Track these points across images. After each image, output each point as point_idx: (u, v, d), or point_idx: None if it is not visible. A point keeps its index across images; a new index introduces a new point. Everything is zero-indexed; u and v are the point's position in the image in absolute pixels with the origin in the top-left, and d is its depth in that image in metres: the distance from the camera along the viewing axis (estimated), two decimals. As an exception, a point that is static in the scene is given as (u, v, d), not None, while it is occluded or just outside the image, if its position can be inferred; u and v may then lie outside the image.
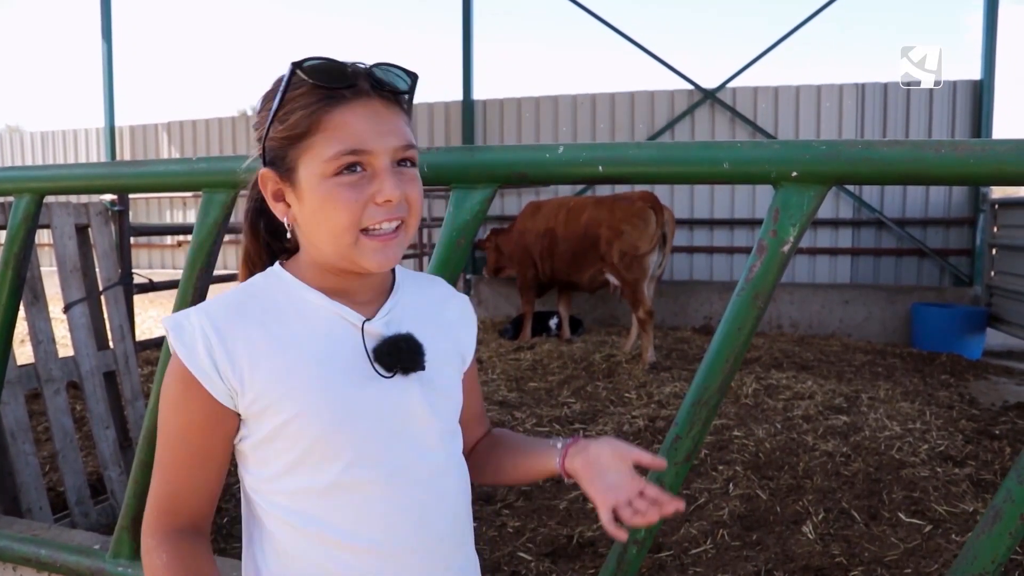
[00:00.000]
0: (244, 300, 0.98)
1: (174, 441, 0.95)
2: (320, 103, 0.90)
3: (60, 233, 3.07)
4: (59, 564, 1.76)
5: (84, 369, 3.14)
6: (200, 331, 0.92)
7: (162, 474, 0.97)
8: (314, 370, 0.94)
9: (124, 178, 1.70)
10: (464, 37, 9.44)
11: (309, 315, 0.97)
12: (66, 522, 2.99)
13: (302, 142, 0.91)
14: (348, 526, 0.95)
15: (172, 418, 0.95)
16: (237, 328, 0.94)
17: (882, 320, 7.85)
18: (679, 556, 2.85)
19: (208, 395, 0.92)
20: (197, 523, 0.98)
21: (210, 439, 0.95)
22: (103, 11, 10.32)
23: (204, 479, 0.97)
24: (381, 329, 0.98)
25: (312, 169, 0.91)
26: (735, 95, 8.60)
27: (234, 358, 0.92)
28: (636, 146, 1.29)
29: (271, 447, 0.95)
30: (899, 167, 1.14)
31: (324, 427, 0.93)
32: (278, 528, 0.96)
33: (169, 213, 11.18)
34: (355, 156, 0.90)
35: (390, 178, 0.91)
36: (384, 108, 0.93)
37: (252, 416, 0.94)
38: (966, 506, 3.17)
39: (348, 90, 0.91)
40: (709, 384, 1.24)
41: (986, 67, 7.75)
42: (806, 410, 4.58)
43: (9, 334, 1.83)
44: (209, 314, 0.94)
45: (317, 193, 0.91)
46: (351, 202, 0.90)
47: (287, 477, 0.95)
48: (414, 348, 0.97)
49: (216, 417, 0.94)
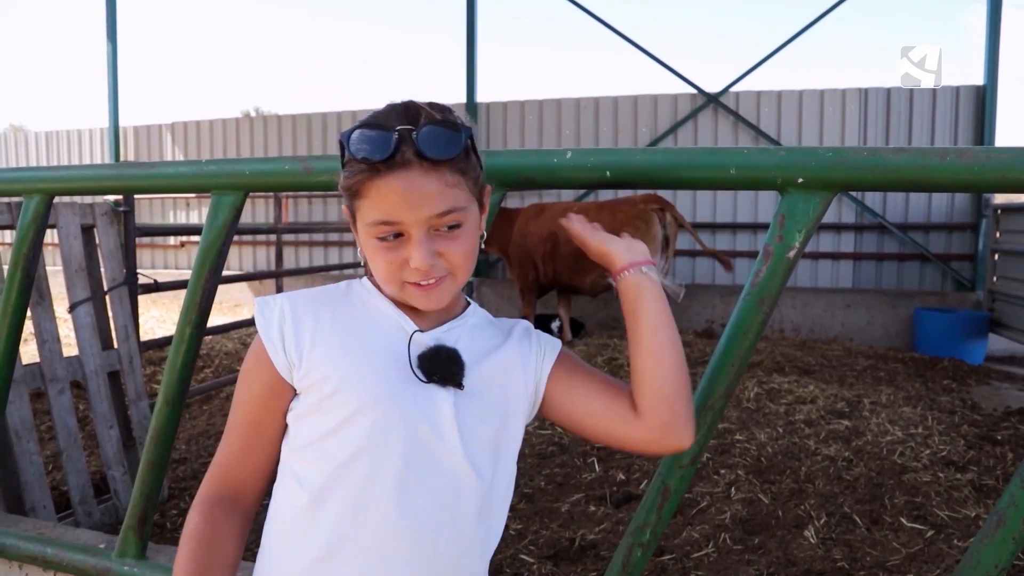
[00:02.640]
0: (325, 294, 1.09)
1: (238, 410, 1.06)
2: (364, 172, 0.98)
3: (66, 233, 3.09)
4: (65, 563, 1.77)
5: (88, 369, 3.15)
6: (279, 310, 1.04)
7: (224, 439, 1.07)
8: (365, 357, 1.02)
9: (133, 179, 1.71)
10: (468, 39, 9.46)
11: (376, 318, 1.06)
12: (69, 521, 3.00)
13: (355, 200, 1.01)
14: (352, 506, 0.98)
15: (241, 388, 1.06)
16: (309, 312, 1.04)
17: (884, 325, 7.85)
18: (681, 560, 2.85)
19: (271, 367, 1.02)
20: (241, 494, 1.07)
21: (266, 412, 1.04)
22: (108, 11, 10.34)
23: (254, 450, 1.05)
24: (429, 341, 1.05)
25: (361, 225, 1.02)
26: (738, 99, 8.61)
27: (299, 335, 1.02)
28: (643, 151, 1.30)
29: (309, 418, 1.02)
30: (904, 174, 1.15)
31: (359, 405, 0.99)
32: (289, 490, 1.02)
33: (173, 214, 11.20)
34: (388, 227, 0.98)
35: (419, 248, 0.98)
36: (421, 178, 0.96)
37: (303, 389, 1.02)
38: (968, 511, 3.17)
39: (383, 165, 0.96)
40: (715, 388, 1.25)
41: (989, 72, 7.76)
42: (808, 414, 4.58)
43: (18, 333, 1.84)
44: (291, 298, 1.06)
45: (366, 247, 1.02)
46: (388, 263, 1.00)
47: (314, 447, 1.01)
48: (454, 360, 1.03)
49: (275, 390, 1.03)
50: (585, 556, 2.90)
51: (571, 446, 4.07)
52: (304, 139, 10.37)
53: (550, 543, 2.98)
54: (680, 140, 8.79)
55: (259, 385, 1.03)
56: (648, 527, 1.30)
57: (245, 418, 1.05)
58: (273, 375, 1.02)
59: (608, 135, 9.09)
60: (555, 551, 2.93)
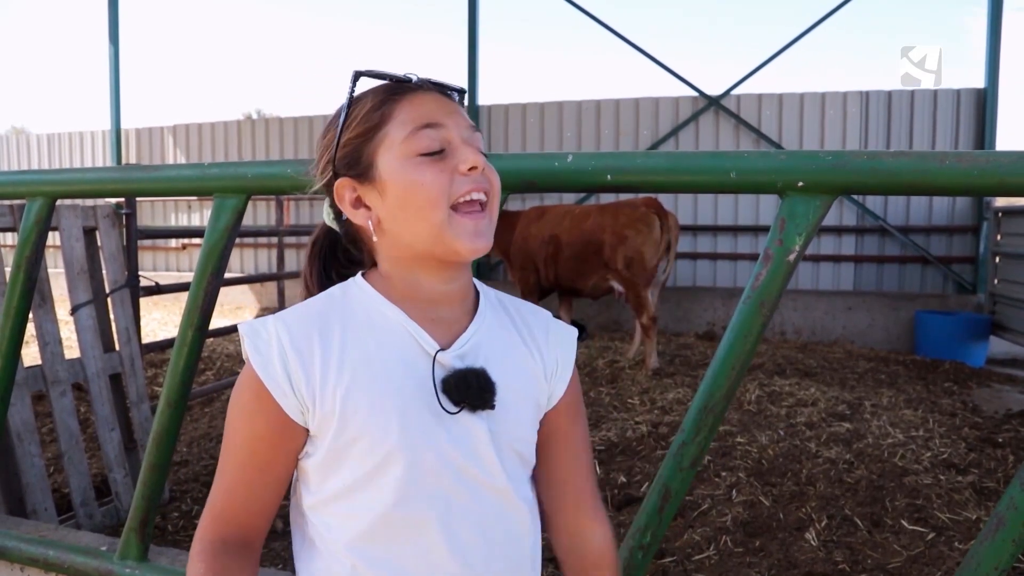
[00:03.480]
0: (322, 312, 0.95)
1: (238, 450, 0.93)
2: (388, 95, 0.94)
3: (68, 235, 3.09)
4: (67, 565, 1.77)
5: (90, 371, 3.16)
6: (277, 341, 0.90)
7: (222, 481, 0.95)
8: (385, 393, 0.91)
9: (136, 182, 1.71)
10: (470, 41, 9.47)
11: (385, 333, 0.94)
12: (71, 523, 3.00)
13: (376, 134, 0.93)
14: (394, 562, 0.92)
15: (240, 427, 0.93)
16: (313, 342, 0.91)
17: (885, 327, 7.85)
18: (682, 562, 2.85)
19: (279, 408, 0.90)
20: (248, 535, 0.95)
21: (275, 453, 0.93)
22: (110, 14, 10.37)
23: (262, 492, 0.94)
24: (453, 361, 0.94)
25: (392, 155, 0.92)
26: (739, 102, 8.62)
27: (309, 372, 0.90)
28: (644, 155, 1.31)
29: (332, 467, 0.92)
30: (904, 178, 1.15)
31: (387, 453, 0.90)
32: (328, 552, 0.94)
33: (174, 216, 11.21)
34: (432, 130, 0.92)
35: (469, 149, 0.93)
36: (445, 99, 0.97)
37: (320, 433, 0.91)
38: (969, 514, 3.17)
39: (412, 84, 0.96)
40: (715, 391, 1.25)
41: (990, 75, 7.76)
42: (809, 417, 4.58)
43: (20, 336, 1.84)
44: (287, 324, 0.92)
45: (401, 176, 0.91)
46: (438, 174, 0.90)
47: (343, 499, 0.92)
48: (484, 385, 0.93)
49: (284, 431, 0.91)
50: (586, 559, 2.90)
51: (572, 448, 4.07)
52: (306, 141, 10.38)
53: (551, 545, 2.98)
54: (681, 143, 8.80)
55: (264, 425, 0.91)
56: (649, 529, 1.30)
57: (249, 460, 0.93)
58: (281, 416, 0.90)
59: (609, 137, 9.10)
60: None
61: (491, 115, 9.54)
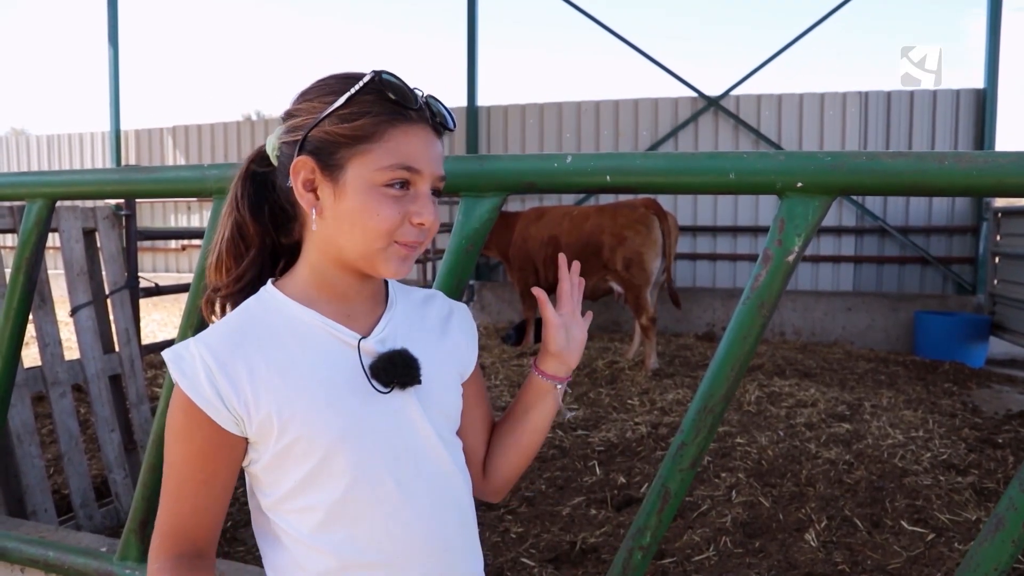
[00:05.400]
0: (240, 326, 0.98)
1: (179, 468, 0.97)
2: (389, 115, 0.95)
3: (67, 237, 3.09)
4: (67, 566, 1.77)
5: (90, 372, 3.15)
6: (200, 361, 0.93)
7: (167, 500, 0.98)
8: (315, 391, 0.95)
9: (137, 184, 1.71)
10: (469, 43, 9.48)
11: (305, 336, 0.98)
12: (71, 525, 3.00)
13: (361, 145, 0.94)
14: (357, 542, 0.97)
15: (177, 447, 0.96)
16: (236, 355, 0.95)
17: (885, 328, 7.85)
18: (682, 563, 2.85)
19: (212, 423, 0.93)
20: (201, 547, 0.99)
21: (214, 465, 0.96)
22: (110, 15, 10.37)
23: (209, 504, 0.98)
24: (376, 346, 1.00)
25: (363, 172, 0.94)
26: (738, 103, 8.63)
27: (237, 385, 0.93)
28: (643, 156, 1.31)
29: (280, 468, 0.96)
30: (903, 178, 1.15)
31: (328, 446, 0.95)
32: (293, 544, 0.99)
33: (174, 217, 11.22)
34: (407, 173, 0.95)
35: (429, 203, 0.96)
36: (433, 137, 0.99)
37: (260, 440, 0.95)
38: (969, 515, 3.17)
39: (415, 112, 0.96)
40: (714, 392, 1.25)
41: (989, 76, 7.77)
42: (809, 418, 4.58)
43: (20, 337, 1.84)
44: (208, 344, 0.95)
45: (361, 196, 0.94)
46: (393, 214, 0.94)
47: (297, 496, 0.97)
48: (409, 363, 0.99)
49: (221, 444, 0.95)
50: (586, 559, 2.91)
51: (572, 449, 4.08)
52: (305, 143, 10.37)
53: (551, 546, 2.98)
54: (680, 143, 8.80)
55: (203, 442, 0.94)
56: (649, 530, 1.30)
57: (192, 476, 0.96)
58: (216, 430, 0.94)
59: (608, 138, 9.10)
60: (556, 554, 2.93)
61: (490, 116, 9.54)
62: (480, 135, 9.57)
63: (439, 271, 1.41)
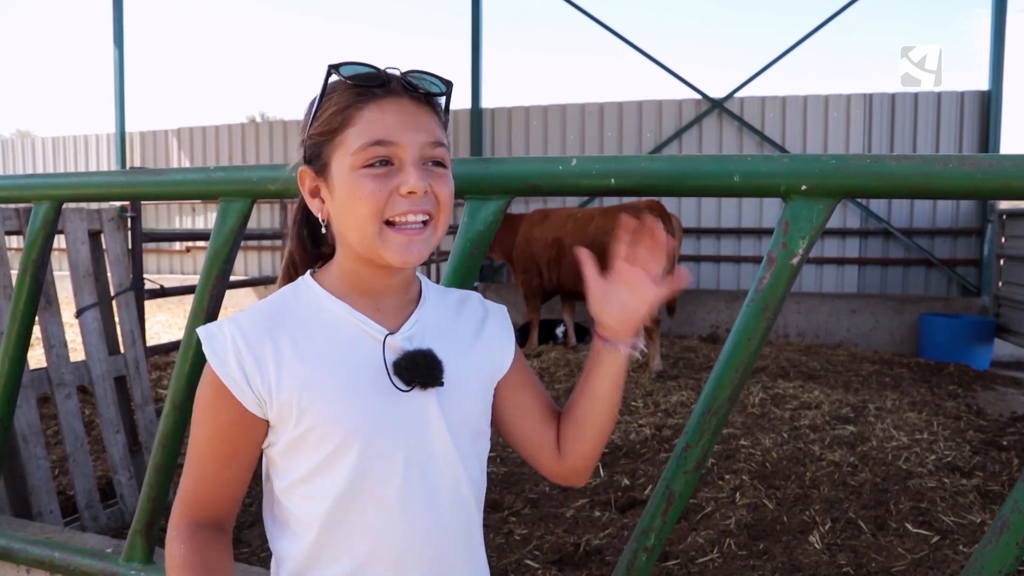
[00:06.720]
0: (273, 312, 1.01)
1: (204, 443, 1.00)
2: (353, 100, 0.95)
3: (73, 239, 3.11)
4: (72, 567, 1.78)
5: (95, 374, 3.17)
6: (231, 341, 0.96)
7: (190, 471, 1.01)
8: (336, 382, 0.97)
9: (142, 186, 1.72)
10: (473, 45, 9.49)
11: (334, 327, 1.00)
12: (76, 526, 3.01)
13: (335, 137, 0.96)
14: (361, 535, 0.98)
15: (203, 422, 0.99)
16: (265, 339, 0.97)
17: (889, 330, 7.84)
18: (686, 565, 2.85)
19: (237, 403, 0.96)
20: (219, 520, 1.02)
21: (237, 443, 0.99)
22: (115, 17, 10.41)
23: (229, 479, 1.01)
24: (402, 344, 1.00)
25: (342, 162, 0.95)
26: (743, 105, 8.62)
27: (263, 368, 0.96)
28: (648, 159, 1.31)
29: (295, 454, 0.98)
30: (907, 181, 1.15)
31: (342, 437, 0.96)
32: (301, 529, 1.00)
33: (179, 219, 11.24)
34: (382, 147, 0.94)
35: (415, 171, 0.94)
36: (414, 107, 0.97)
37: (279, 423, 0.98)
38: (973, 517, 3.16)
39: (380, 89, 0.95)
40: (719, 394, 1.25)
41: (994, 77, 7.75)
42: (813, 420, 4.58)
43: (27, 339, 1.85)
44: (240, 325, 0.98)
45: (346, 185, 0.95)
46: (375, 191, 0.94)
47: (308, 483, 0.98)
48: (432, 364, 0.99)
49: (245, 423, 0.98)
50: (590, 561, 2.91)
51: (576, 451, 4.07)
52: (309, 145, 10.40)
53: (555, 548, 2.98)
54: (684, 146, 8.80)
55: (227, 420, 0.97)
56: (653, 532, 1.30)
57: (215, 452, 0.99)
58: (239, 410, 0.96)
59: (613, 141, 9.10)
60: (560, 556, 2.93)
61: (494, 118, 9.55)
62: (484, 137, 9.58)
63: (444, 273, 1.42)
